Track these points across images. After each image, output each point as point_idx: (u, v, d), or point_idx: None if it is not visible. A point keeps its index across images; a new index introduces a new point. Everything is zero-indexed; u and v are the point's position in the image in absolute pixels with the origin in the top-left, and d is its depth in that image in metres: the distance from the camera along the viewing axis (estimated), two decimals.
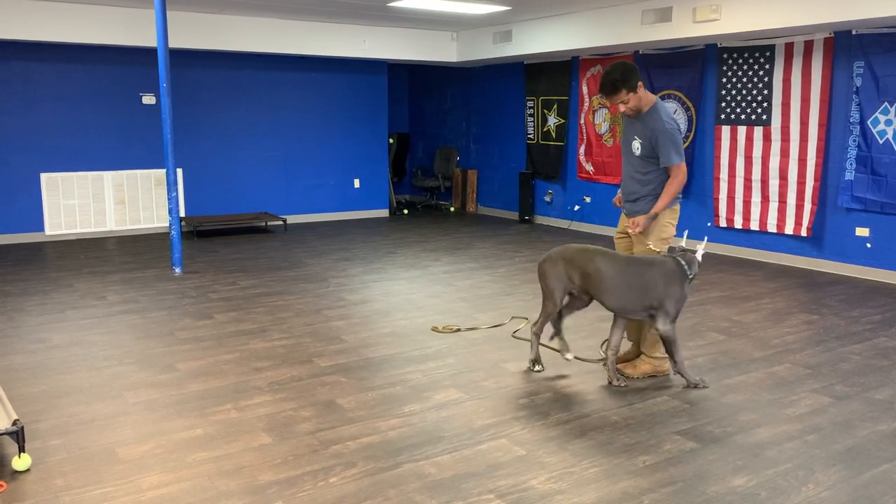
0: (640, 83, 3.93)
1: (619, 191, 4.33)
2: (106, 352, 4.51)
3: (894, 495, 2.82)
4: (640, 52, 8.48)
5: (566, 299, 4.07)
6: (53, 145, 8.53)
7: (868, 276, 6.74)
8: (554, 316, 4.13)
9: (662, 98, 8.33)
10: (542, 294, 4.10)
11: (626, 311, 3.87)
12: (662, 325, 3.81)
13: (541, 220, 10.28)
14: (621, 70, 3.90)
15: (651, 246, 4.03)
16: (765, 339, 4.87)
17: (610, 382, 3.99)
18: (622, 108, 3.98)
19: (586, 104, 9.34)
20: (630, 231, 4.10)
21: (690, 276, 3.84)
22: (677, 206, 4.09)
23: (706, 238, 4.58)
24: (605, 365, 4.09)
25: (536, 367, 4.20)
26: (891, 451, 3.21)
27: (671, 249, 3.97)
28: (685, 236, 4.28)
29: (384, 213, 10.97)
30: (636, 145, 4.04)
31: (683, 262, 3.83)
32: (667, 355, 4.01)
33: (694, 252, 3.91)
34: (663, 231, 4.05)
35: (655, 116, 3.94)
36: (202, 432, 3.35)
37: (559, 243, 8.48)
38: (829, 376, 4.15)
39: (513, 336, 4.86)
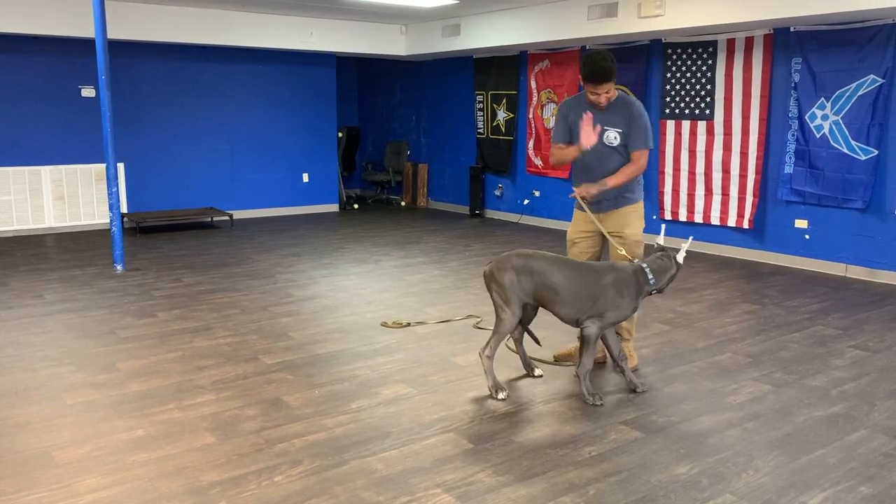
0: None
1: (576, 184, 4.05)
2: (43, 352, 4.36)
3: (829, 479, 2.91)
4: (587, 48, 8.56)
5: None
6: None
7: (806, 266, 6.94)
8: (513, 332, 3.78)
9: None
10: (494, 308, 3.66)
11: (578, 322, 3.61)
12: (591, 326, 3.57)
13: (491, 214, 10.32)
14: (612, 58, 3.73)
15: (623, 253, 3.83)
16: (708, 329, 4.97)
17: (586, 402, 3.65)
18: (603, 98, 3.79)
19: (535, 99, 9.39)
20: (583, 195, 3.86)
21: (652, 288, 3.59)
22: (641, 203, 4.07)
23: (691, 237, 4.02)
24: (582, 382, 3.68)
25: (500, 395, 3.65)
26: (826, 436, 3.31)
27: (652, 250, 3.70)
28: (662, 232, 4.02)
29: (334, 207, 10.87)
30: (612, 135, 3.87)
31: (648, 271, 3.59)
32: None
33: (675, 252, 3.66)
34: (636, 231, 3.97)
35: (633, 105, 3.87)
36: (143, 433, 3.27)
37: (510, 237, 8.56)
38: (768, 364, 4.26)
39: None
